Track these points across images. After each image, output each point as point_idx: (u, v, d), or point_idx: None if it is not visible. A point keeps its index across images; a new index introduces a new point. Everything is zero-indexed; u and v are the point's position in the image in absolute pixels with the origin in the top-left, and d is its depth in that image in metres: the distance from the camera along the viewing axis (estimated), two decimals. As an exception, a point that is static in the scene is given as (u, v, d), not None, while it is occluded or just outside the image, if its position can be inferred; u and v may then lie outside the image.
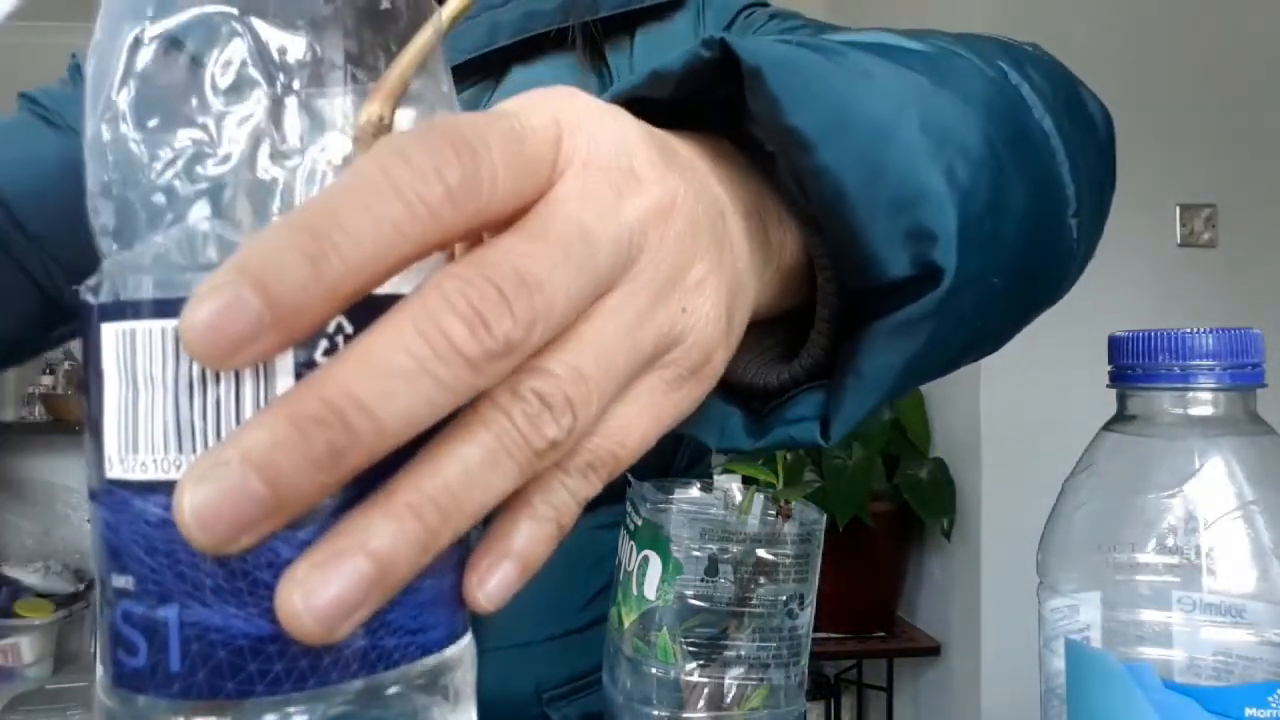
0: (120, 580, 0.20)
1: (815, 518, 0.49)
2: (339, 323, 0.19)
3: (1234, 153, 2.05)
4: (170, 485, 0.18)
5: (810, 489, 1.97)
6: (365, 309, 0.19)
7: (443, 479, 0.19)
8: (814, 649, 0.50)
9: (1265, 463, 0.34)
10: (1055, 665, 0.36)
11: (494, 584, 0.22)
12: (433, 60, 0.23)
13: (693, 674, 0.47)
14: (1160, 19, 2.04)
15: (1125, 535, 0.34)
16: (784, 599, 0.47)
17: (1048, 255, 0.39)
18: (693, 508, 0.48)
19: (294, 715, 0.19)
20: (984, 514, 2.00)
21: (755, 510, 0.48)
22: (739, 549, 0.46)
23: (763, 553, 0.47)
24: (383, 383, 0.18)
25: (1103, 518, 0.35)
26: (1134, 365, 0.36)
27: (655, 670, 0.47)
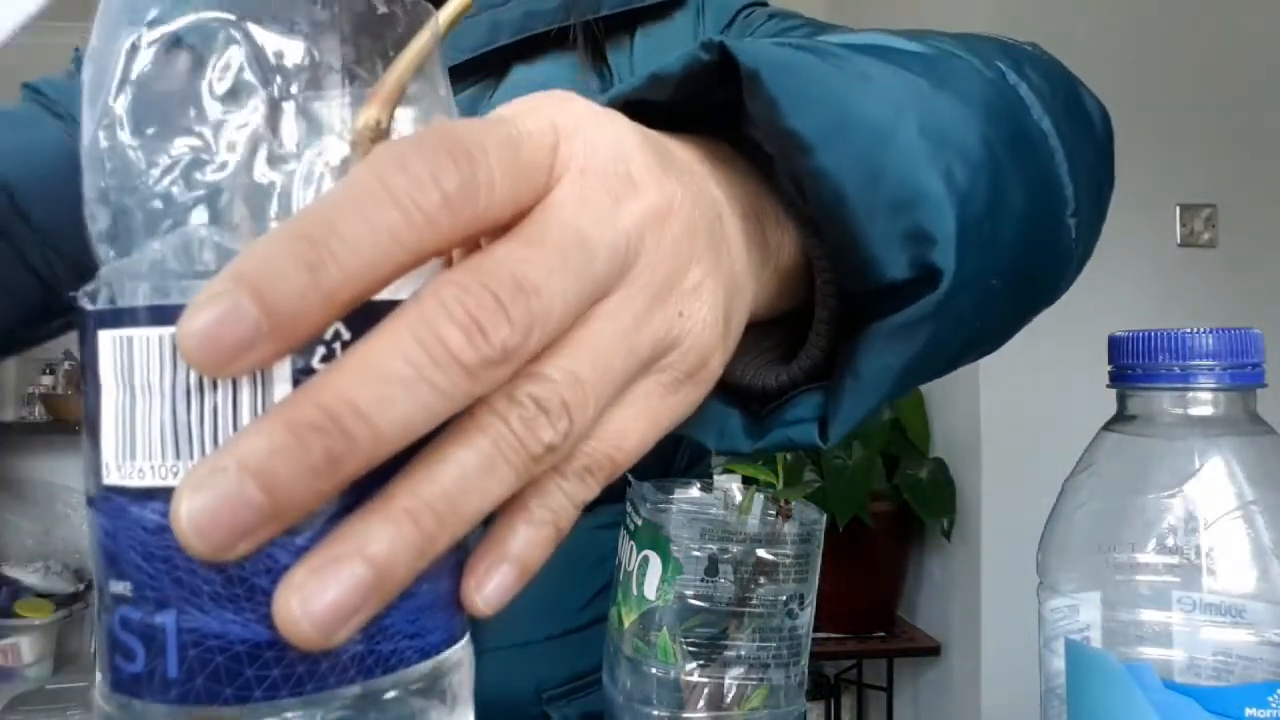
0: (118, 586, 0.20)
1: (815, 518, 0.49)
2: (336, 329, 0.19)
3: (1234, 153, 2.05)
4: (168, 492, 0.18)
5: (810, 489, 1.97)
6: (363, 315, 0.19)
7: (440, 484, 0.19)
8: (814, 649, 0.50)
9: (1265, 463, 0.34)
10: (1055, 665, 0.36)
11: (492, 587, 0.22)
12: (430, 64, 0.22)
13: (693, 674, 0.47)
14: (1160, 19, 2.04)
15: (1125, 535, 0.34)
16: (784, 599, 0.47)
17: (1046, 255, 0.39)
18: (693, 508, 0.48)
19: None
20: (984, 514, 2.00)
21: (755, 510, 0.48)
22: (739, 549, 0.46)
23: (763, 553, 0.47)
24: (380, 389, 0.18)
25: (1103, 518, 0.35)
26: (1134, 365, 0.36)
27: (655, 670, 0.47)
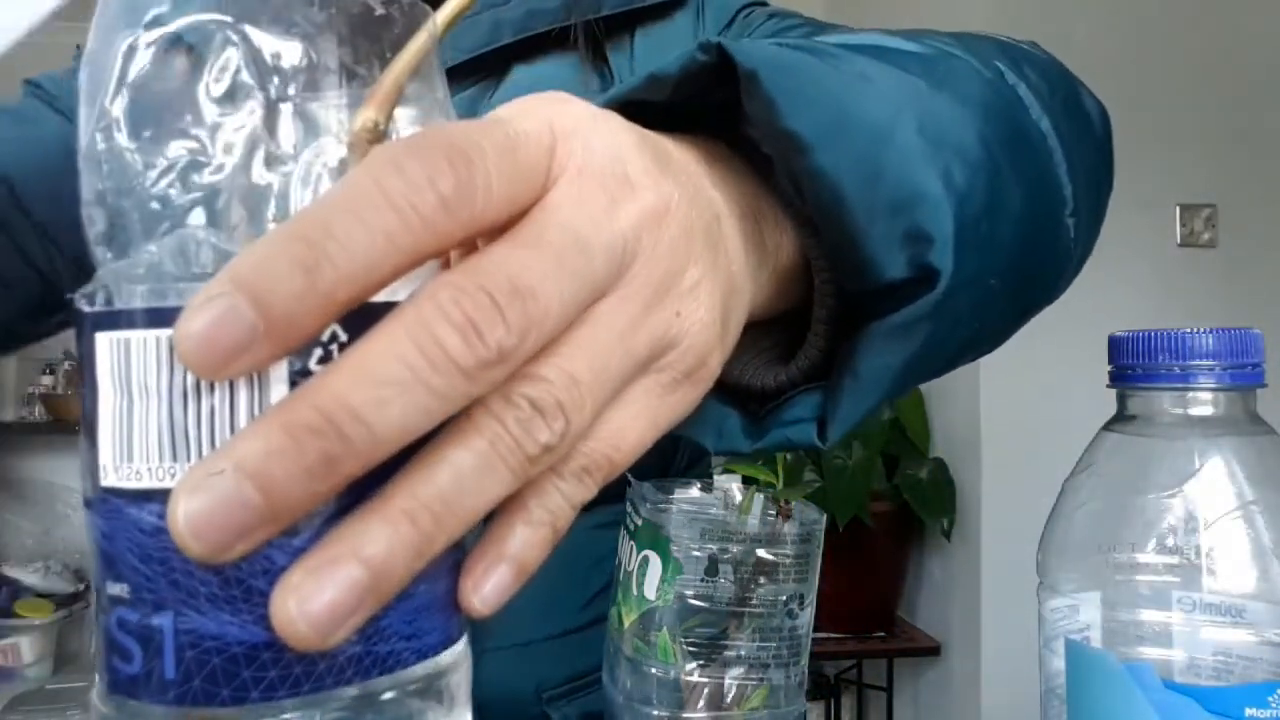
0: (115, 588, 0.20)
1: (815, 518, 0.49)
2: (333, 331, 0.19)
3: (1234, 153, 2.05)
4: (165, 494, 0.18)
5: (810, 489, 1.97)
6: (360, 317, 0.19)
7: (436, 485, 0.19)
8: (814, 649, 0.50)
9: (1265, 463, 0.34)
10: (1055, 665, 0.36)
11: (489, 588, 0.22)
12: (427, 65, 0.22)
13: (693, 674, 0.46)
14: (1160, 19, 2.04)
15: (1125, 535, 0.34)
16: (784, 599, 0.47)
17: (1045, 255, 0.39)
18: (693, 508, 0.48)
19: None
20: (984, 514, 1.99)
21: (755, 510, 0.48)
22: (739, 549, 0.46)
23: (763, 553, 0.47)
24: (377, 391, 0.18)
25: (1103, 518, 0.35)
26: (1134, 365, 0.36)
27: (655, 670, 0.47)
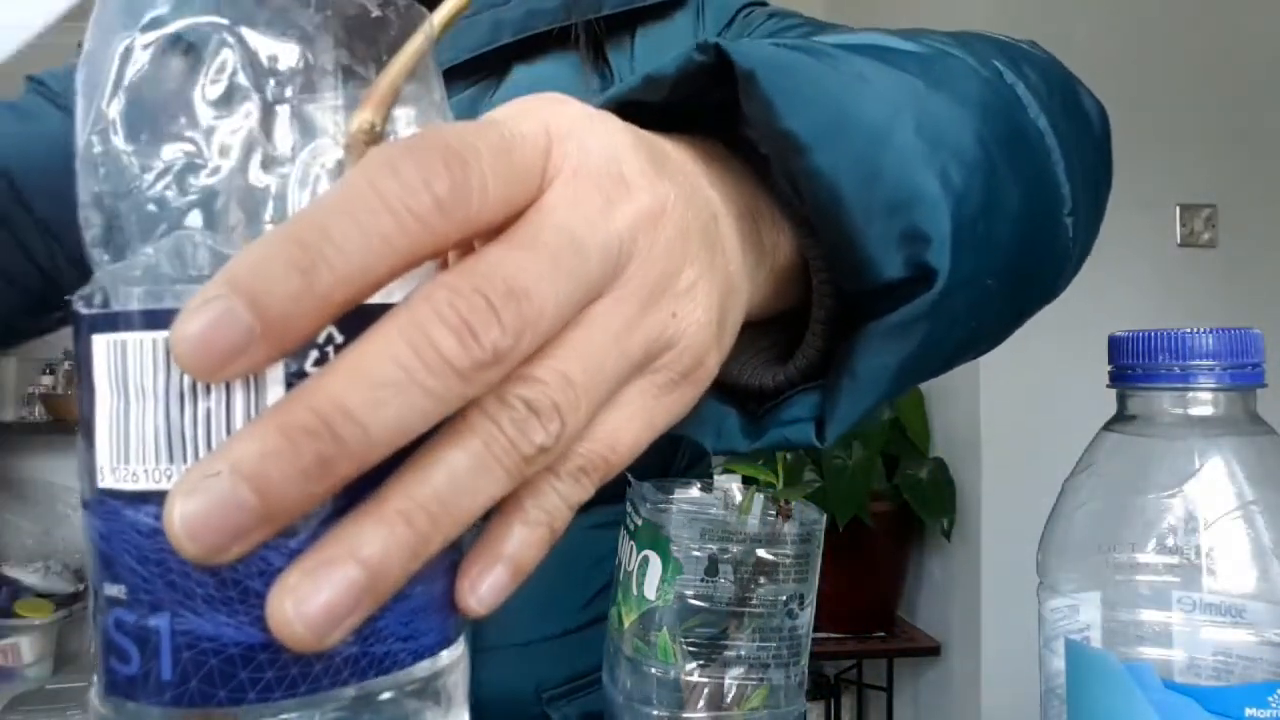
0: (112, 589, 0.20)
1: (815, 518, 0.49)
2: (329, 333, 0.19)
3: (1234, 153, 2.05)
4: (161, 495, 0.18)
5: (810, 489, 1.97)
6: (356, 318, 0.19)
7: (432, 486, 0.20)
8: (814, 649, 0.50)
9: (1265, 463, 0.34)
10: (1055, 665, 0.36)
11: (486, 588, 0.22)
12: (424, 67, 0.22)
13: (693, 674, 0.46)
14: (1160, 19, 2.04)
15: (1125, 535, 0.34)
16: (784, 599, 0.47)
17: (1043, 255, 0.39)
18: (693, 508, 0.48)
19: None
20: (984, 514, 1.99)
21: (755, 510, 0.48)
22: (739, 549, 0.46)
23: (763, 553, 0.47)
24: (372, 393, 0.18)
25: (1103, 518, 0.35)
26: (1134, 365, 0.36)
27: (655, 670, 0.47)
